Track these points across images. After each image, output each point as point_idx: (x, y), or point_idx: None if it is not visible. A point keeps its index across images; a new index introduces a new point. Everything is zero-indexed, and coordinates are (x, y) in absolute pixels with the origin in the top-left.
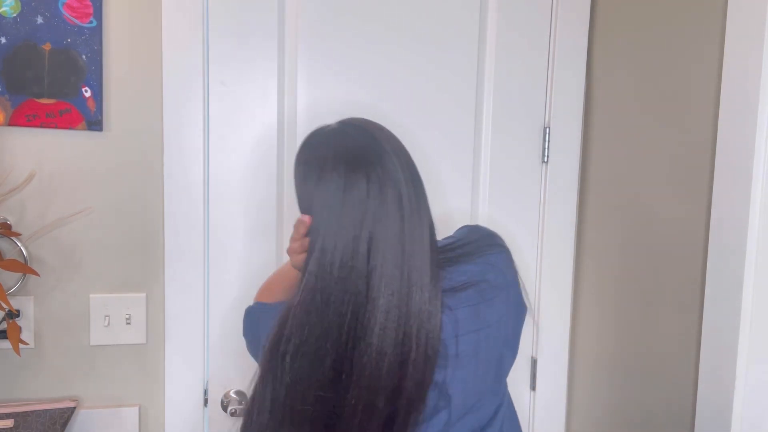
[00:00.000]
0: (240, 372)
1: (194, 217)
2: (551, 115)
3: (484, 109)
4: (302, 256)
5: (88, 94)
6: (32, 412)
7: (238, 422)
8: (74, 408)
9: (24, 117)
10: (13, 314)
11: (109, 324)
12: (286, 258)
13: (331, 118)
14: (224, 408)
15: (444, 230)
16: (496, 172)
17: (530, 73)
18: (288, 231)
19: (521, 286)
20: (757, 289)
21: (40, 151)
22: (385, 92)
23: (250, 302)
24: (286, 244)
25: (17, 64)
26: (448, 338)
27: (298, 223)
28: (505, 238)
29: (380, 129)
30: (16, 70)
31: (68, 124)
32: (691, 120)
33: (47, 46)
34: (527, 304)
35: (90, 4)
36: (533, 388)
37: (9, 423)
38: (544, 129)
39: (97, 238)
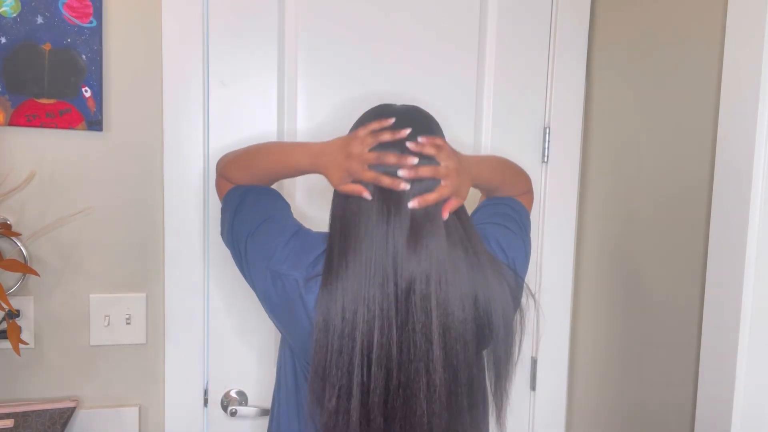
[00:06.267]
0: (240, 372)
1: (194, 217)
2: (551, 115)
3: (484, 109)
4: (369, 174)
5: (88, 94)
6: (32, 412)
7: (239, 422)
8: (74, 408)
9: (24, 117)
10: (13, 314)
11: (109, 324)
12: None
13: (331, 118)
14: (224, 408)
15: None
16: None
17: (530, 73)
18: None
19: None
20: (757, 289)
21: (40, 151)
22: (385, 92)
23: (251, 303)
24: None
25: (17, 64)
26: None
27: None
28: None
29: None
30: (16, 70)
31: (68, 124)
32: (691, 120)
33: (47, 46)
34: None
35: (90, 4)
36: (533, 388)
37: (9, 423)
38: (544, 129)
39: (97, 238)
